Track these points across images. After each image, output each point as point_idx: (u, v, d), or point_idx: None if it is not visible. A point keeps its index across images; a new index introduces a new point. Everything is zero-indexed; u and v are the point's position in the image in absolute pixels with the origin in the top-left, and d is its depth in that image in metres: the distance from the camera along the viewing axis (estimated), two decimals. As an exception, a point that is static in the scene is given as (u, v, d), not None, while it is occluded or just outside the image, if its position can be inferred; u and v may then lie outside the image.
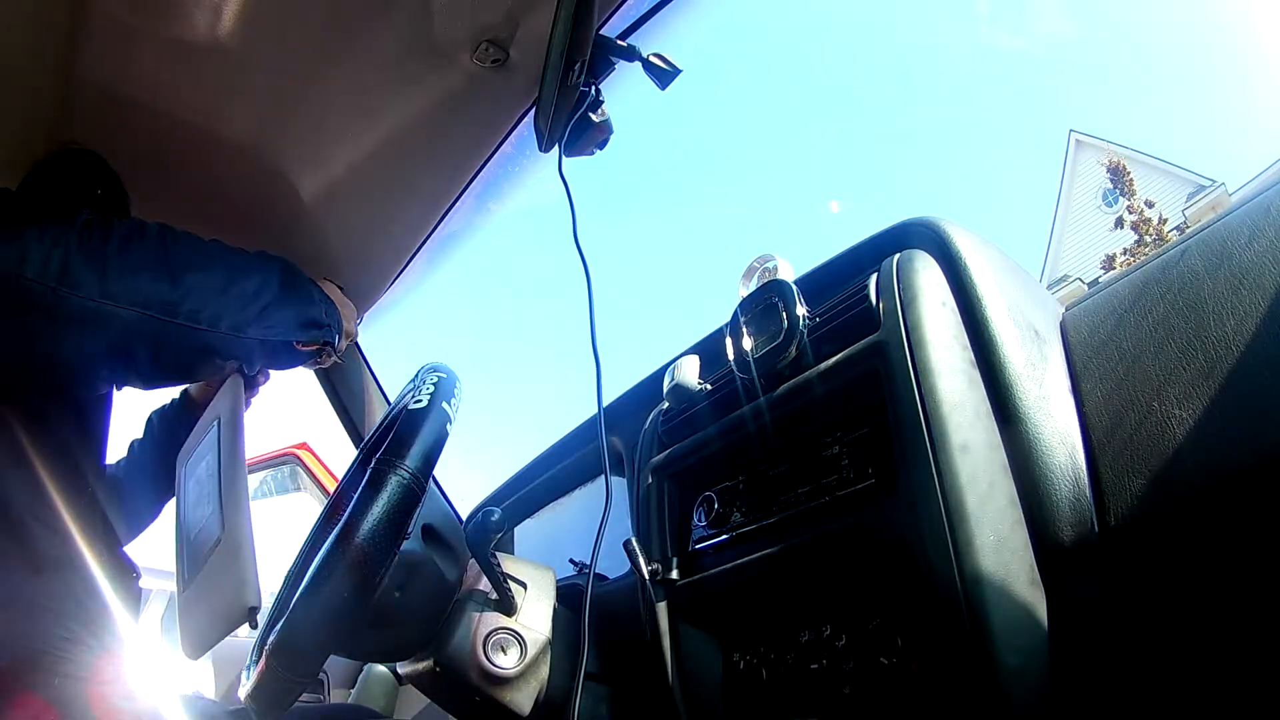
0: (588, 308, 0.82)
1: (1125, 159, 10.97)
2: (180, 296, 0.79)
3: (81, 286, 0.73)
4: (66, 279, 0.73)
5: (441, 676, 0.82)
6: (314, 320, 0.93)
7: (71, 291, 0.73)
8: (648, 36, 0.87)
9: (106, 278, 0.75)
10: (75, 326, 0.75)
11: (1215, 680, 0.46)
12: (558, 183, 0.87)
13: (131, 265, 0.77)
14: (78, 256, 0.74)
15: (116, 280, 0.75)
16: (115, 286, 0.75)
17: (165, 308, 0.78)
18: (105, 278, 0.75)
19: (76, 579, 0.80)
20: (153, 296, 0.77)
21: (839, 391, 0.67)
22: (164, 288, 0.78)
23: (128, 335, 0.78)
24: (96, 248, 0.75)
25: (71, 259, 0.74)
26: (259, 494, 2.45)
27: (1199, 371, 0.50)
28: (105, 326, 0.76)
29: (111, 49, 0.94)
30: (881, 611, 0.63)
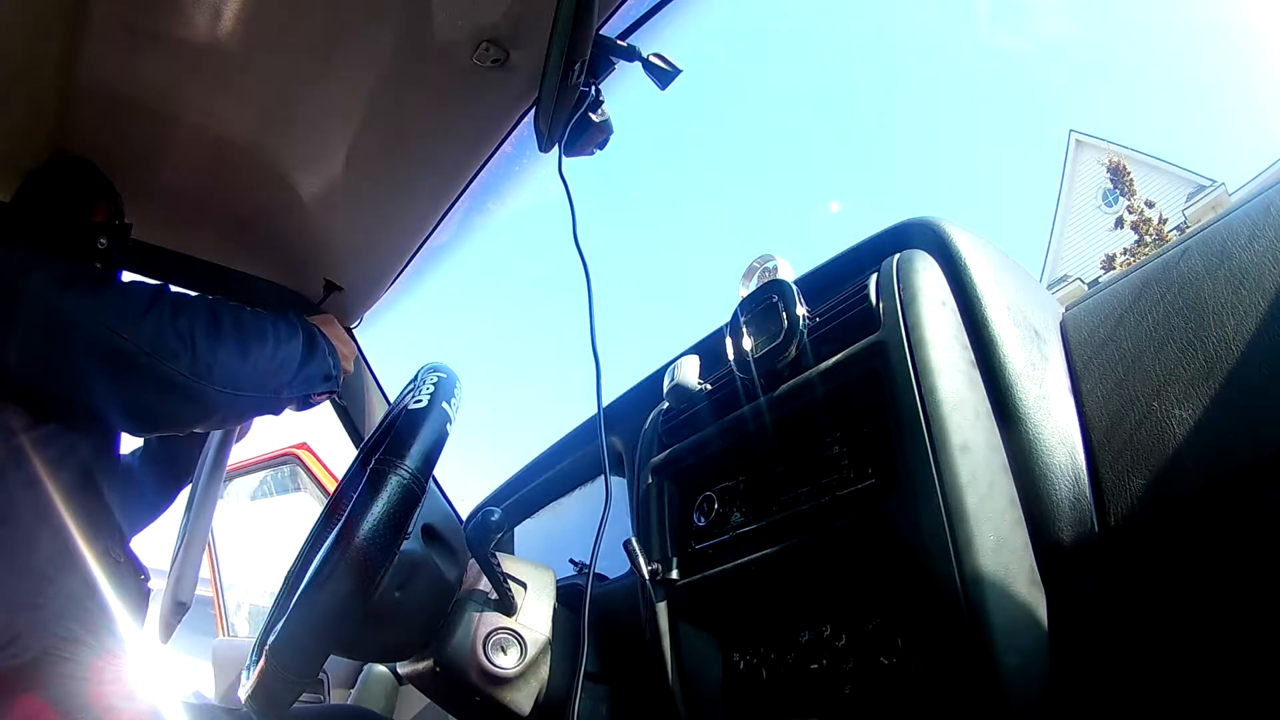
0: (588, 308, 0.82)
1: (1125, 159, 10.97)
2: (248, 374, 0.90)
3: (174, 360, 0.83)
4: (161, 349, 0.82)
5: (441, 676, 0.82)
6: (328, 375, 1.04)
7: (164, 361, 0.82)
8: (648, 36, 0.87)
9: (196, 358, 0.84)
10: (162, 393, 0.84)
11: (1215, 680, 0.46)
12: (558, 183, 0.87)
13: (216, 347, 0.87)
14: (171, 333, 0.83)
15: (203, 360, 0.85)
16: (201, 366, 0.85)
17: (238, 385, 0.89)
18: (195, 358, 0.84)
19: (78, 579, 0.80)
20: (229, 375, 0.88)
21: (839, 391, 0.67)
22: (236, 365, 0.89)
23: (206, 407, 0.88)
24: (187, 325, 0.85)
25: (163, 333, 0.83)
26: (259, 494, 2.44)
27: (1199, 371, 0.50)
28: (190, 399, 0.86)
29: (110, 49, 0.94)
30: (881, 611, 0.63)
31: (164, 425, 0.93)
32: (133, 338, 0.81)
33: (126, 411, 0.86)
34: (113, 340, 0.81)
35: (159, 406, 0.86)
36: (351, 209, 1.21)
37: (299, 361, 0.98)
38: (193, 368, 0.84)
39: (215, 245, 1.31)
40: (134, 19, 0.90)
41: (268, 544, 2.41)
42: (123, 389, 0.83)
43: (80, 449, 0.87)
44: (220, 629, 2.34)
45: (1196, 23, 19.90)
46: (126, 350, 0.81)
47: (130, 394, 0.84)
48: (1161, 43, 20.95)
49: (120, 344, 0.81)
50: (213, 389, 0.86)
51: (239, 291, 1.38)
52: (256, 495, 2.44)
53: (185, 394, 0.85)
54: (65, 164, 1.05)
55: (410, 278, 1.36)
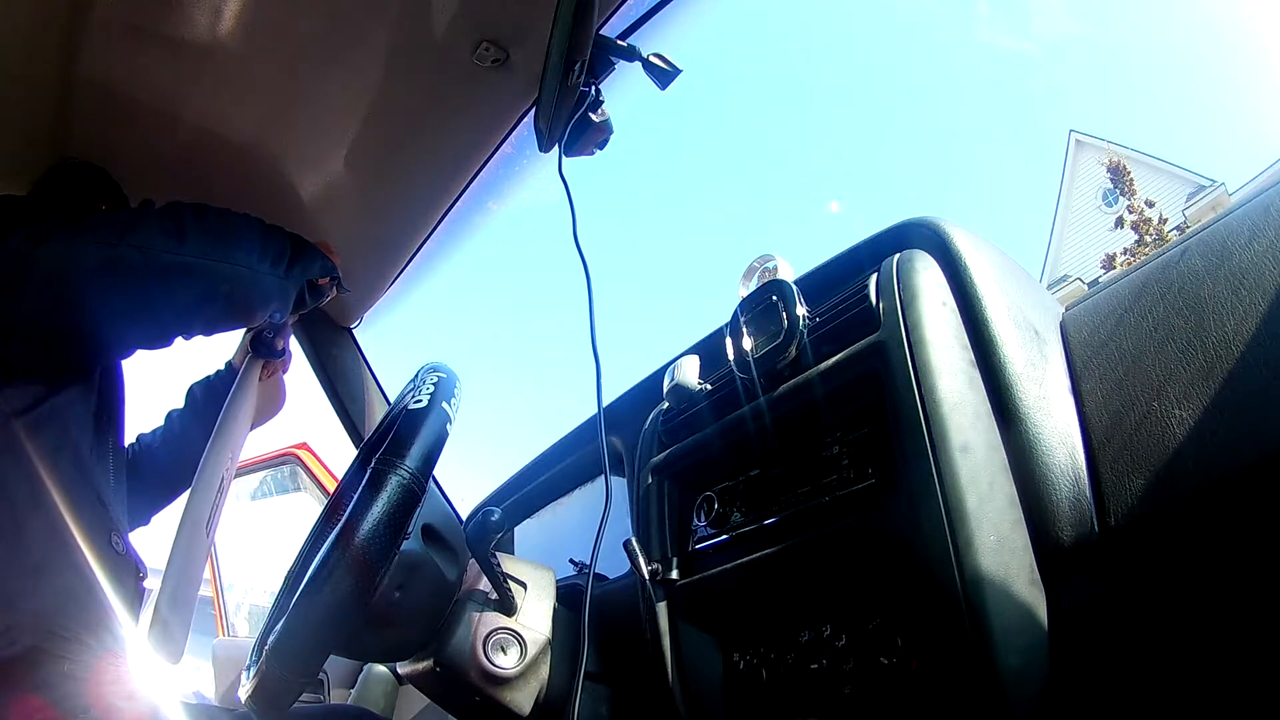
0: (588, 308, 0.82)
1: (1125, 159, 10.96)
2: (243, 249, 0.95)
3: (168, 248, 0.87)
4: (153, 243, 0.87)
5: (441, 676, 0.82)
6: (324, 263, 1.10)
7: (160, 252, 0.87)
8: (648, 36, 0.87)
9: (185, 238, 0.89)
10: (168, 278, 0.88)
11: (1215, 680, 0.46)
12: (558, 183, 0.87)
13: (204, 227, 0.92)
14: (156, 226, 0.88)
15: (194, 240, 0.89)
16: (193, 245, 0.89)
17: (233, 257, 0.93)
18: (184, 238, 0.89)
19: (71, 571, 0.80)
20: (225, 250, 0.92)
21: (839, 391, 0.67)
22: (231, 243, 0.94)
23: (213, 280, 0.92)
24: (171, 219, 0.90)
25: (151, 229, 0.87)
26: (259, 494, 2.44)
27: (1199, 371, 0.50)
28: (196, 275, 0.90)
29: (110, 50, 0.94)
30: (881, 611, 0.63)
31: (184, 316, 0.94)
32: (123, 242, 0.85)
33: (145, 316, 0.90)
34: (104, 252, 0.84)
35: (172, 295, 0.89)
36: (351, 209, 1.22)
37: (291, 249, 1.03)
38: (184, 246, 0.88)
39: (215, 245, 1.30)
40: (134, 19, 0.90)
41: (267, 544, 2.41)
42: (132, 294, 0.86)
43: (77, 435, 0.87)
44: (220, 629, 2.34)
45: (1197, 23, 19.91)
46: (121, 255, 0.84)
47: (140, 296, 0.87)
48: (1162, 43, 20.96)
49: (111, 252, 0.84)
50: (211, 262, 0.90)
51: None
52: (256, 495, 2.43)
53: (188, 271, 0.88)
54: (75, 168, 1.07)
55: (410, 278, 1.36)
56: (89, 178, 1.07)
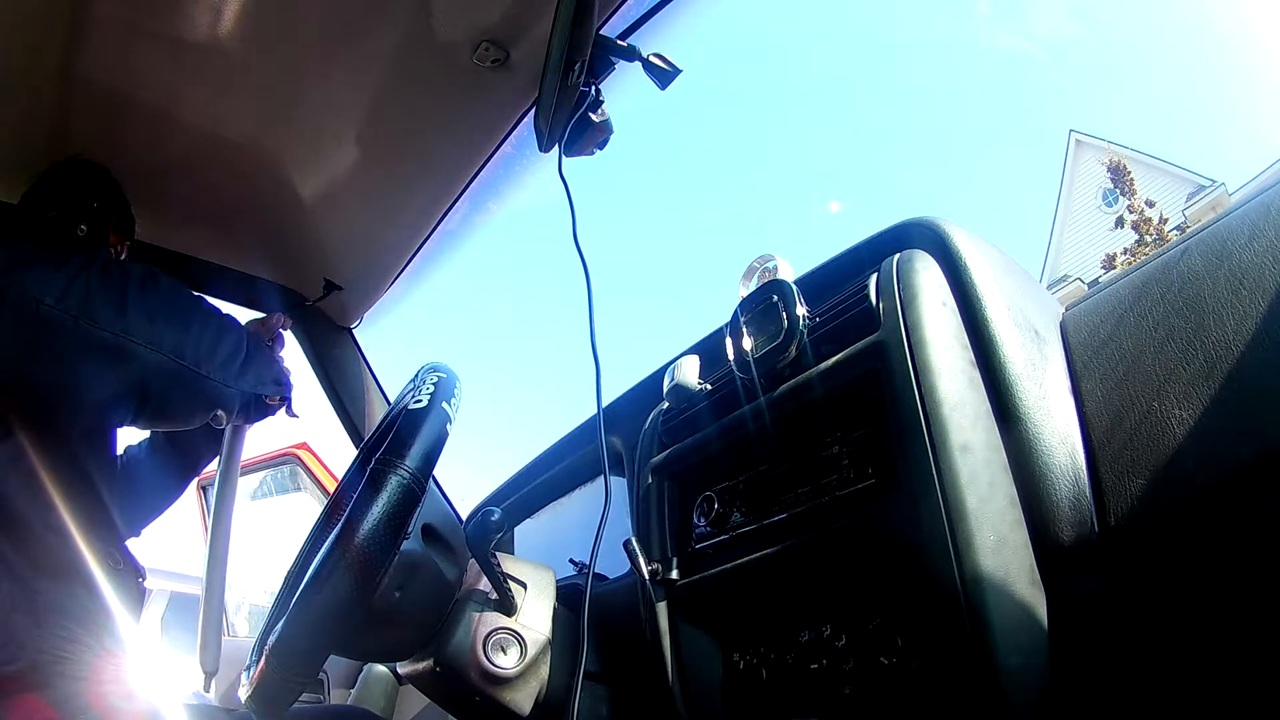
0: (587, 308, 0.82)
1: (1125, 159, 10.96)
2: (189, 342, 0.85)
3: (102, 321, 0.79)
4: (88, 312, 0.78)
5: (441, 676, 0.82)
6: (278, 379, 1.00)
7: (93, 325, 0.78)
8: (648, 36, 0.87)
9: (127, 315, 0.80)
10: (97, 358, 0.80)
11: (1215, 680, 0.46)
12: (558, 183, 0.87)
13: (148, 307, 0.82)
14: (99, 293, 0.79)
15: (135, 319, 0.81)
16: (134, 325, 0.80)
17: (176, 350, 0.84)
18: (125, 315, 0.80)
19: (78, 581, 0.80)
20: (167, 338, 0.83)
21: (839, 391, 0.67)
22: (177, 332, 0.84)
23: (145, 372, 0.83)
24: (117, 286, 0.81)
25: (93, 294, 0.79)
26: (259, 494, 2.44)
27: (1199, 371, 0.50)
28: (125, 361, 0.81)
29: (111, 50, 0.94)
30: (881, 611, 0.63)
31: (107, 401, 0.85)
32: (59, 305, 0.78)
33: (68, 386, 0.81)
34: (39, 310, 0.77)
35: (98, 374, 0.81)
36: (351, 209, 1.22)
37: (245, 354, 0.93)
38: (123, 325, 0.80)
39: (215, 245, 1.31)
40: (134, 19, 0.90)
41: (267, 544, 2.41)
42: (58, 360, 0.79)
43: (78, 449, 0.86)
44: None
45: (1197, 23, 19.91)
46: (53, 318, 0.77)
47: (67, 364, 0.79)
48: (1162, 43, 20.96)
49: (46, 312, 0.77)
50: (143, 349, 0.81)
51: (239, 291, 1.38)
52: (256, 495, 2.44)
53: (114, 354, 0.80)
54: (75, 167, 1.05)
55: (410, 278, 1.36)
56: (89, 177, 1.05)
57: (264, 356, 0.98)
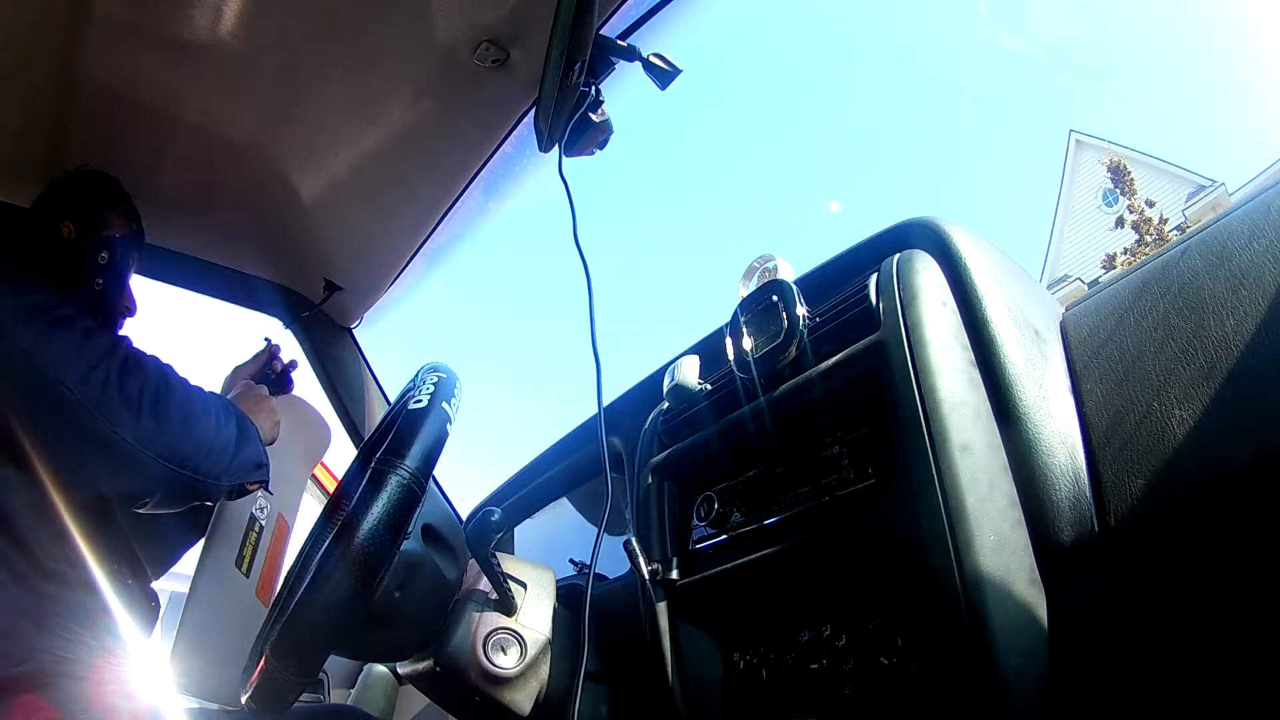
0: (588, 308, 0.82)
1: (1125, 159, 10.96)
2: (190, 450, 0.87)
3: (119, 424, 0.80)
4: (104, 408, 0.80)
5: (441, 676, 0.82)
6: (259, 462, 1.00)
7: (110, 425, 0.80)
8: (648, 36, 0.87)
9: (140, 423, 0.82)
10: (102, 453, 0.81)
11: (1215, 680, 0.46)
12: (558, 183, 0.87)
13: (160, 415, 0.84)
14: (117, 391, 0.81)
15: (148, 427, 0.82)
16: (146, 434, 0.82)
17: (181, 461, 0.86)
18: (139, 423, 0.82)
19: (78, 581, 0.80)
20: (175, 450, 0.85)
21: (839, 391, 0.67)
22: (182, 442, 0.86)
23: (150, 481, 0.85)
24: (135, 388, 0.82)
25: (110, 390, 0.80)
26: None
27: (1199, 371, 0.50)
28: (132, 468, 0.83)
29: (111, 51, 0.94)
30: (881, 611, 0.63)
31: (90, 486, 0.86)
32: (78, 390, 0.79)
33: (58, 462, 0.82)
34: (57, 389, 0.78)
35: (92, 466, 0.82)
36: (351, 209, 1.22)
37: (235, 447, 0.94)
38: (136, 433, 0.81)
39: (215, 246, 1.31)
40: (134, 19, 0.90)
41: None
42: (59, 439, 0.80)
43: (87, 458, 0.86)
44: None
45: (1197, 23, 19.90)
46: (70, 402, 0.78)
47: (66, 446, 0.81)
48: (1162, 43, 20.95)
49: (64, 394, 0.78)
50: (152, 459, 0.83)
51: (239, 292, 1.38)
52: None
53: (123, 459, 0.81)
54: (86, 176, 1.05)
55: (410, 278, 1.37)
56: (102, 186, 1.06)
57: (250, 444, 0.98)
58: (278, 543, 1.15)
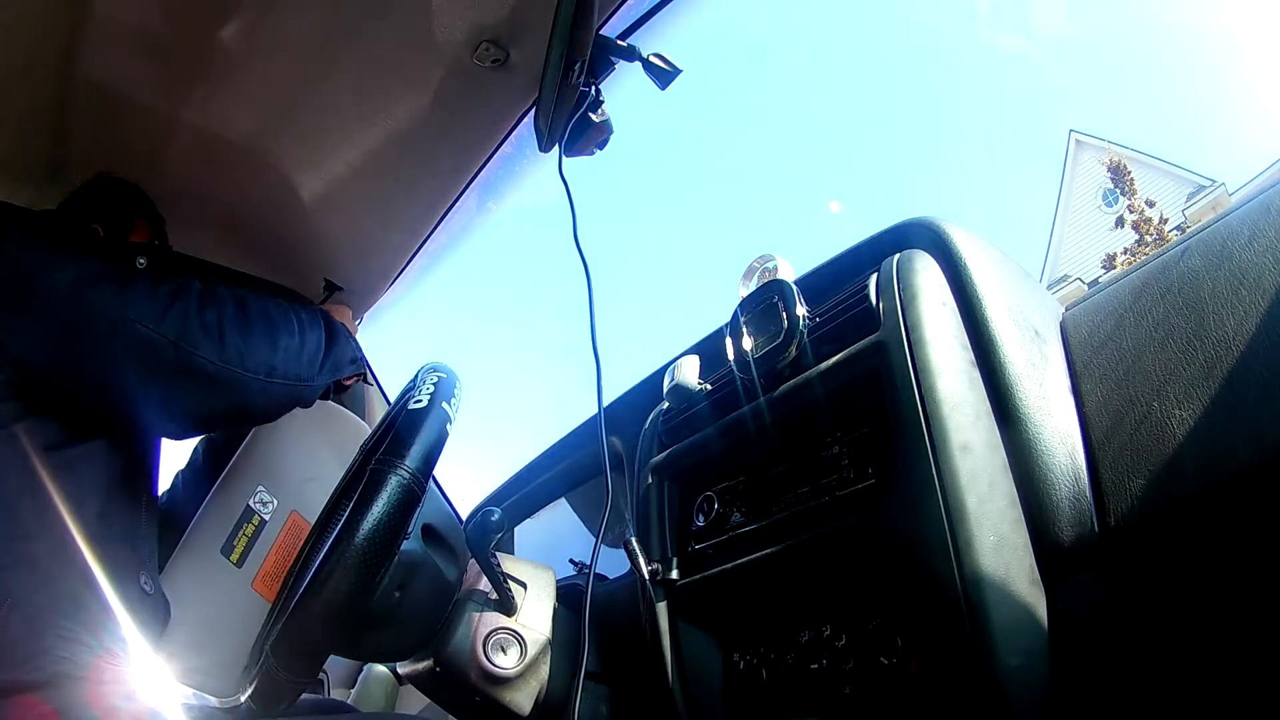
0: (588, 308, 0.82)
1: (1125, 159, 10.96)
2: (278, 360, 0.91)
3: (202, 348, 0.84)
4: (186, 339, 0.83)
5: (441, 676, 0.82)
6: (354, 357, 1.05)
7: (193, 350, 0.83)
8: (648, 36, 0.87)
9: (225, 345, 0.86)
10: (194, 383, 0.85)
11: (1215, 680, 0.46)
12: (558, 183, 0.87)
13: (242, 334, 0.88)
14: (196, 321, 0.84)
15: (233, 348, 0.86)
16: (232, 353, 0.86)
17: (269, 372, 0.90)
18: (224, 346, 0.86)
19: (77, 579, 0.80)
20: (261, 362, 0.89)
21: (839, 391, 0.67)
22: (268, 355, 0.90)
23: (242, 395, 0.89)
24: (214, 316, 0.86)
25: (190, 322, 0.84)
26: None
27: (1199, 371, 0.50)
28: (223, 390, 0.87)
29: (112, 50, 0.94)
30: (881, 611, 0.63)
31: (200, 419, 0.93)
32: (158, 328, 0.82)
33: (161, 406, 0.87)
34: (137, 331, 0.81)
35: (193, 398, 0.87)
36: (351, 209, 1.21)
37: (325, 347, 1.00)
38: (222, 355, 0.85)
39: (215, 245, 1.31)
40: (134, 19, 0.90)
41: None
42: (154, 382, 0.84)
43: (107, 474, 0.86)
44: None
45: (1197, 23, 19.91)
46: (154, 340, 0.82)
47: (162, 387, 0.85)
48: (1162, 43, 20.96)
49: (146, 334, 0.82)
50: (245, 375, 0.87)
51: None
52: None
53: (217, 382, 0.86)
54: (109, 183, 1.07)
55: (410, 278, 1.36)
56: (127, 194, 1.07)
57: (341, 343, 1.03)
58: (290, 540, 1.15)
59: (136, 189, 1.09)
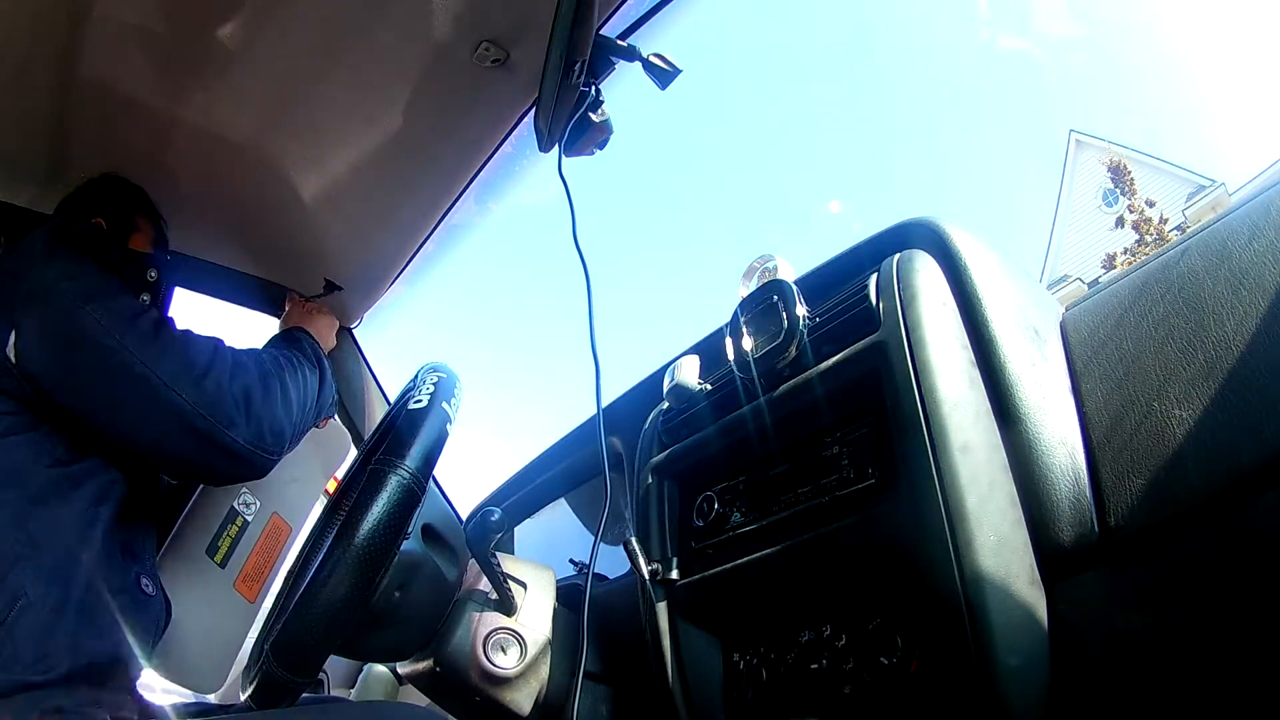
0: (587, 308, 0.82)
1: (1125, 159, 10.97)
2: (288, 426, 0.93)
3: (231, 427, 0.85)
4: (219, 415, 0.84)
5: (441, 676, 0.82)
6: (332, 399, 1.09)
7: (221, 428, 0.84)
8: (648, 36, 0.87)
9: (250, 422, 0.86)
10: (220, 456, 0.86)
11: (1215, 681, 0.46)
12: (557, 183, 0.87)
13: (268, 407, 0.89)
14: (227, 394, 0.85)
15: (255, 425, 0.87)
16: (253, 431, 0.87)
17: (282, 438, 0.91)
18: (249, 422, 0.86)
19: (82, 585, 0.80)
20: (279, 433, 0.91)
21: (839, 391, 0.67)
22: (284, 423, 0.91)
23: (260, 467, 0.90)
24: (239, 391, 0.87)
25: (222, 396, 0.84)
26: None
27: (1199, 371, 0.50)
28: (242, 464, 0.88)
29: (112, 50, 0.94)
30: (881, 611, 0.63)
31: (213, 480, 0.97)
32: (192, 399, 0.82)
33: (179, 465, 0.89)
34: (172, 399, 0.81)
35: (212, 466, 0.87)
36: (351, 209, 1.21)
37: (318, 395, 1.03)
38: (248, 435, 0.86)
39: (215, 245, 1.31)
40: (134, 19, 0.90)
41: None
42: (178, 446, 0.84)
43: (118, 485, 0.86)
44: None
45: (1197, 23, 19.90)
46: (185, 411, 0.82)
47: (186, 452, 0.85)
48: (1162, 43, 20.96)
49: (179, 404, 0.82)
50: (264, 454, 0.89)
51: (239, 292, 1.38)
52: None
53: (238, 459, 0.86)
54: (113, 181, 1.08)
55: (410, 278, 1.36)
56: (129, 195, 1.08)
57: (326, 386, 1.06)
58: (270, 542, 1.17)
59: (138, 188, 1.10)
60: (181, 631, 0.99)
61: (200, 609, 1.05)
